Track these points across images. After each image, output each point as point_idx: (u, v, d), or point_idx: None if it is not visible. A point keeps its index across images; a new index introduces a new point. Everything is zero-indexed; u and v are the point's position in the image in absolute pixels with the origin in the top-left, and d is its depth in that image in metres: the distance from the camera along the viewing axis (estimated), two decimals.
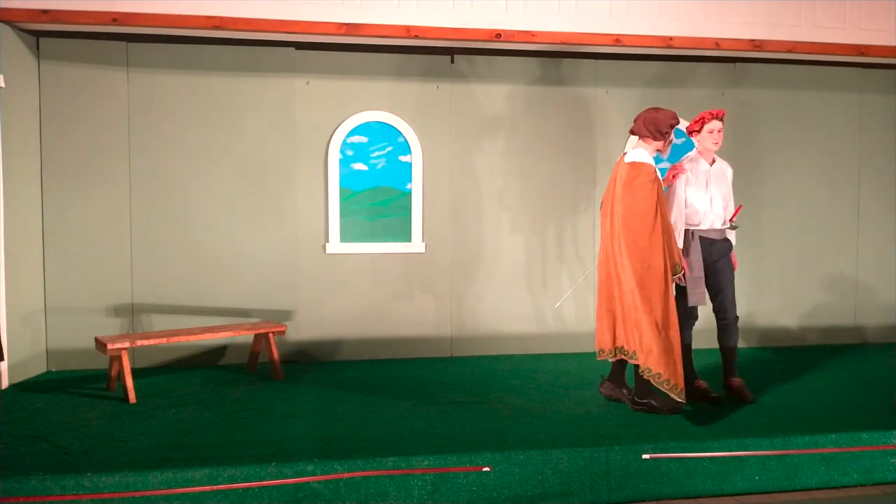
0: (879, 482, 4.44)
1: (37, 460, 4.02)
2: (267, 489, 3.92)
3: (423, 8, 5.90)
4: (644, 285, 4.70)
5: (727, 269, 5.18)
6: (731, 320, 5.18)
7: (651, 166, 4.79)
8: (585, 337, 6.69)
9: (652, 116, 4.86)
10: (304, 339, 6.41)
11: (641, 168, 4.78)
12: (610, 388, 5.15)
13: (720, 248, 5.17)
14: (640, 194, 4.73)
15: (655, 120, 4.83)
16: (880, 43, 6.49)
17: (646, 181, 4.74)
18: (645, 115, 4.90)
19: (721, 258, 5.16)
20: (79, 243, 6.03)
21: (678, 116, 4.94)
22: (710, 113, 5.06)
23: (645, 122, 4.87)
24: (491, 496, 4.10)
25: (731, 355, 5.22)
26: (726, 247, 5.20)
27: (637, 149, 4.88)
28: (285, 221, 6.34)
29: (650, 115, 4.87)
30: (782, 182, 7.09)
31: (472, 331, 6.66)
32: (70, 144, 5.98)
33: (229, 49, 6.18)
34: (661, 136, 4.85)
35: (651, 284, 4.70)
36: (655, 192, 4.75)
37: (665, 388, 4.69)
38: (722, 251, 5.17)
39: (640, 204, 4.73)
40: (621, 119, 6.71)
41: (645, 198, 4.73)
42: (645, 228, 4.71)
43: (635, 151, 4.86)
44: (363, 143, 6.44)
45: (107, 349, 5.16)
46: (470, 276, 6.62)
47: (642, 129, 4.88)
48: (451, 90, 6.53)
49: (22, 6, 5.42)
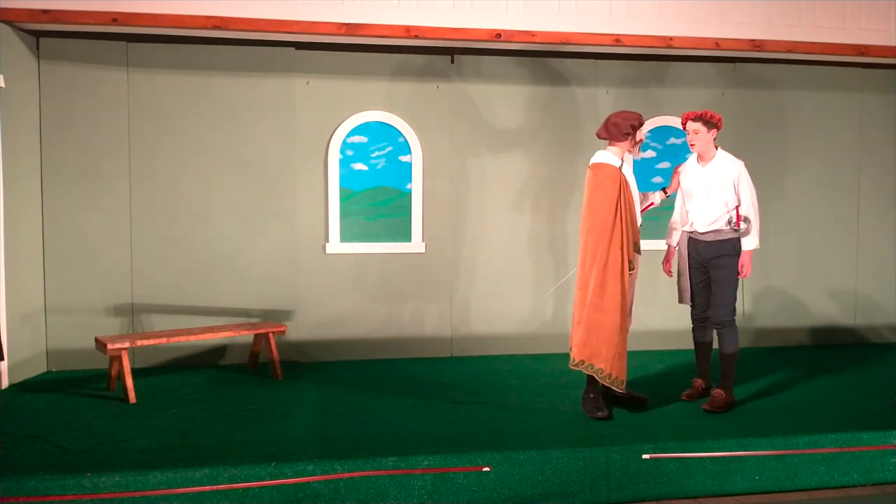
0: (879, 482, 4.44)
1: (37, 460, 4.02)
2: (267, 489, 3.92)
3: (423, 8, 5.90)
4: (603, 283, 4.77)
5: (718, 271, 4.98)
6: (716, 323, 5.03)
7: (611, 166, 4.85)
8: None
9: (614, 119, 4.92)
10: (304, 339, 6.41)
11: (603, 168, 4.87)
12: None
13: (711, 248, 5.00)
14: (600, 193, 4.82)
15: (617, 122, 4.90)
16: (880, 43, 6.49)
17: (605, 180, 4.82)
18: (608, 118, 4.96)
19: (714, 259, 4.99)
20: (79, 243, 6.03)
21: (642, 117, 4.94)
22: (685, 115, 5.04)
23: (608, 125, 4.93)
24: (491, 496, 4.10)
25: (722, 361, 5.05)
26: (724, 249, 4.98)
27: (602, 151, 4.96)
28: (285, 221, 6.34)
29: (613, 117, 4.93)
30: (782, 182, 7.08)
31: (472, 331, 6.65)
32: (70, 144, 5.98)
33: (229, 49, 6.18)
34: (623, 137, 4.88)
35: (608, 281, 4.77)
36: (616, 190, 4.80)
37: (614, 385, 4.80)
38: (714, 252, 4.99)
39: (600, 202, 4.80)
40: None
41: (605, 196, 4.80)
42: (605, 226, 4.78)
43: (599, 153, 4.95)
44: (363, 143, 6.44)
45: (107, 349, 5.16)
46: (470, 276, 6.62)
47: (607, 131, 4.93)
48: (451, 90, 6.53)
49: (22, 6, 5.42)
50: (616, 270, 4.77)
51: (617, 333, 4.76)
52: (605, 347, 4.77)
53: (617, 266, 4.77)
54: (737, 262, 5.00)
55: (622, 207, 4.79)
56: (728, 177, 4.98)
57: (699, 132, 4.97)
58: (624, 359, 4.81)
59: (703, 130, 4.96)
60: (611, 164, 4.85)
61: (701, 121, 4.95)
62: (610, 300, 4.76)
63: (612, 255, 4.76)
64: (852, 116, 7.18)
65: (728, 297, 5.01)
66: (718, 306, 5.01)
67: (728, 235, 5.00)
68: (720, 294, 5.01)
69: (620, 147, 4.91)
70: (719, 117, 5.00)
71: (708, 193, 5.00)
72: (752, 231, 4.98)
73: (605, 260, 4.77)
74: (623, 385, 4.83)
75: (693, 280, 5.14)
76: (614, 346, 4.76)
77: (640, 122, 4.91)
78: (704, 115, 4.95)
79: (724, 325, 5.02)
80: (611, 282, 4.76)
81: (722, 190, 4.97)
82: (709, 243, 5.02)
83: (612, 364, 4.77)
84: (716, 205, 4.99)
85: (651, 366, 6.19)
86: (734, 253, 5.00)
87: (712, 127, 4.97)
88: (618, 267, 4.77)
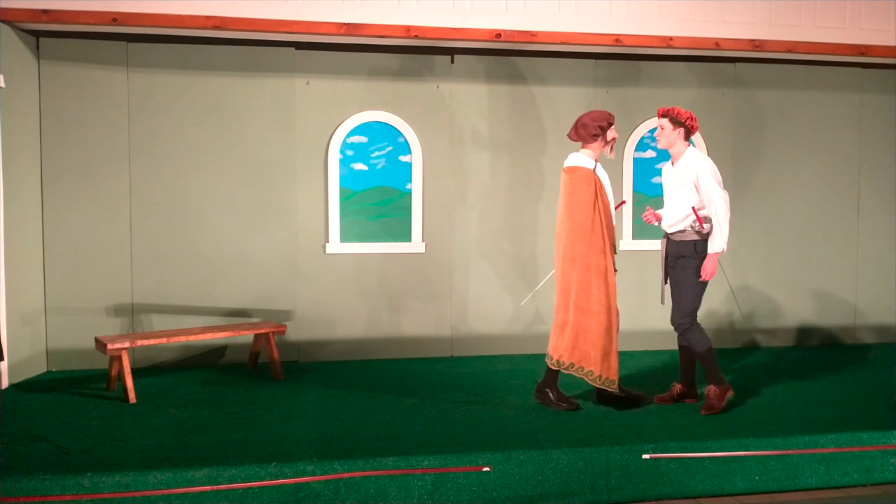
0: (879, 482, 4.44)
1: (37, 460, 4.02)
2: (267, 489, 3.92)
3: (423, 8, 5.91)
4: (587, 286, 4.78)
5: (676, 272, 4.91)
6: (674, 326, 4.96)
7: (586, 168, 4.85)
8: None
9: (583, 119, 4.91)
10: (304, 339, 6.41)
11: (576, 171, 4.87)
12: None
13: (679, 248, 4.92)
14: (577, 197, 4.82)
15: (586, 122, 4.88)
16: (880, 43, 6.49)
17: (581, 183, 4.82)
18: (577, 119, 4.95)
19: (679, 259, 4.92)
20: (79, 243, 6.03)
21: (611, 116, 4.91)
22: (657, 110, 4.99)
23: (577, 126, 4.92)
24: (491, 496, 4.10)
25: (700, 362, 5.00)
26: (685, 250, 4.88)
27: (575, 153, 4.95)
28: (285, 221, 6.34)
29: (582, 118, 4.92)
30: (782, 182, 7.08)
31: (472, 331, 6.65)
32: (70, 144, 5.98)
33: (229, 49, 6.18)
34: (593, 139, 4.87)
35: (591, 283, 4.78)
36: (592, 192, 4.80)
37: (605, 385, 4.82)
38: (680, 253, 4.91)
39: (578, 206, 4.81)
40: (622, 119, 6.72)
41: (582, 199, 4.81)
42: (583, 229, 4.78)
43: (573, 156, 4.95)
44: (363, 143, 6.44)
45: (107, 349, 5.16)
46: (470, 276, 6.62)
47: (577, 133, 4.92)
48: (451, 90, 6.53)
49: (22, 6, 5.42)
50: (599, 272, 4.78)
51: (604, 335, 4.78)
52: (593, 350, 4.79)
53: (600, 268, 4.79)
54: (697, 265, 4.85)
55: (600, 209, 4.81)
56: (689, 177, 4.86)
57: (664, 128, 4.90)
58: (613, 358, 4.83)
59: (669, 128, 4.88)
60: (585, 166, 4.86)
61: (667, 117, 4.88)
62: (596, 302, 4.78)
63: (593, 258, 4.78)
64: (852, 116, 7.18)
65: (684, 300, 4.89)
66: (675, 310, 4.94)
67: (691, 237, 4.90)
68: (676, 296, 4.94)
69: (593, 148, 4.91)
70: (688, 115, 4.86)
71: (674, 193, 4.96)
72: (716, 233, 4.79)
73: (587, 263, 4.78)
74: (615, 385, 4.84)
75: (668, 280, 5.08)
76: (601, 348, 4.78)
77: (609, 121, 4.88)
78: (671, 111, 4.88)
79: (682, 328, 4.92)
80: (595, 284, 4.78)
81: (684, 190, 4.88)
82: (676, 243, 4.97)
83: (600, 365, 4.80)
84: (679, 205, 4.91)
85: (651, 366, 6.20)
86: (695, 255, 4.87)
87: (679, 125, 4.87)
88: (601, 269, 4.79)
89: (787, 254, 7.11)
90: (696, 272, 4.87)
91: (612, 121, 4.90)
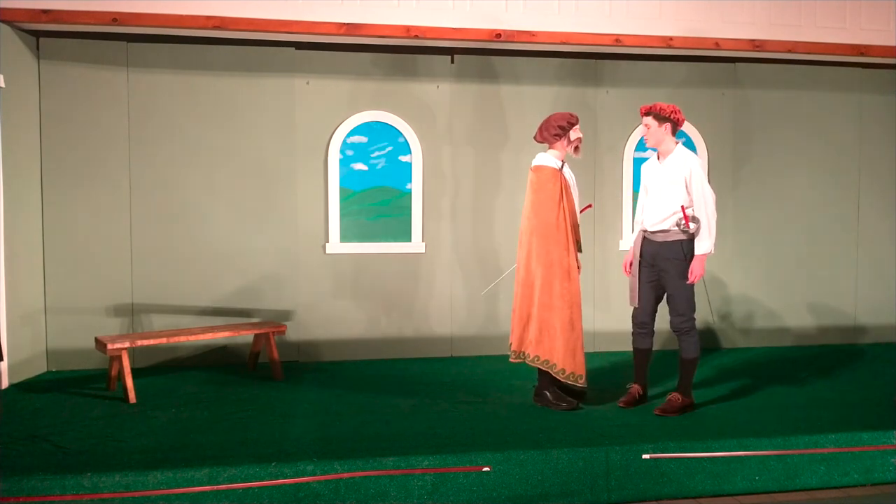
0: (879, 482, 4.44)
1: (37, 460, 4.02)
2: (267, 489, 3.92)
3: (423, 8, 5.91)
4: (550, 283, 4.83)
5: (667, 277, 4.82)
6: (674, 330, 4.90)
7: (550, 168, 4.92)
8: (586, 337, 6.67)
9: (546, 120, 4.98)
10: (304, 339, 6.41)
11: (541, 170, 4.95)
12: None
13: (660, 250, 4.83)
14: (542, 195, 4.89)
15: (548, 123, 4.96)
16: (880, 43, 6.49)
17: (546, 182, 4.89)
18: (543, 121, 5.01)
19: (663, 262, 4.83)
20: (79, 243, 6.03)
21: (573, 117, 4.93)
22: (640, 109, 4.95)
23: (540, 128, 4.99)
24: (491, 496, 4.10)
25: (681, 365, 4.93)
26: (672, 252, 4.80)
27: (542, 153, 5.01)
28: (285, 221, 6.34)
29: (546, 119, 4.99)
30: (782, 182, 7.08)
31: (472, 331, 6.66)
32: (70, 144, 5.98)
33: (229, 49, 6.18)
34: (554, 139, 4.93)
35: (553, 280, 4.83)
36: (557, 190, 4.87)
37: (570, 380, 4.86)
38: (662, 255, 4.82)
39: (543, 203, 4.88)
40: (621, 119, 6.72)
41: (547, 197, 4.87)
42: (547, 227, 4.85)
43: (539, 156, 5.02)
44: (363, 143, 6.44)
45: (107, 349, 5.16)
46: (470, 276, 6.62)
47: (540, 134, 4.99)
48: (451, 90, 6.53)
49: (22, 6, 5.43)
50: (563, 269, 4.85)
51: (568, 331, 4.84)
52: (558, 344, 4.84)
53: (564, 265, 4.85)
54: (686, 267, 4.78)
55: (565, 208, 4.88)
56: (679, 174, 4.78)
57: (650, 126, 4.87)
58: (578, 354, 4.87)
59: (654, 125, 4.84)
60: (551, 165, 4.93)
61: (652, 114, 4.85)
62: (559, 299, 4.83)
63: (556, 255, 4.84)
64: (852, 116, 7.18)
65: (683, 305, 4.84)
66: (674, 315, 4.88)
67: (677, 237, 4.81)
68: (674, 302, 4.87)
69: (558, 149, 4.97)
70: (672, 109, 4.80)
71: (661, 190, 4.86)
72: (704, 233, 4.73)
73: (550, 260, 4.85)
74: (582, 380, 4.88)
75: (641, 278, 4.94)
76: (565, 343, 4.83)
77: (571, 122, 4.92)
78: (654, 108, 4.84)
79: (682, 332, 4.87)
80: (557, 281, 4.84)
81: (673, 188, 4.79)
82: (659, 244, 4.85)
83: (565, 360, 4.84)
84: (667, 203, 4.81)
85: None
86: (682, 257, 4.79)
87: (664, 121, 4.81)
88: (564, 266, 4.85)
89: (786, 254, 7.11)
90: (684, 275, 4.81)
91: (575, 121, 4.95)
